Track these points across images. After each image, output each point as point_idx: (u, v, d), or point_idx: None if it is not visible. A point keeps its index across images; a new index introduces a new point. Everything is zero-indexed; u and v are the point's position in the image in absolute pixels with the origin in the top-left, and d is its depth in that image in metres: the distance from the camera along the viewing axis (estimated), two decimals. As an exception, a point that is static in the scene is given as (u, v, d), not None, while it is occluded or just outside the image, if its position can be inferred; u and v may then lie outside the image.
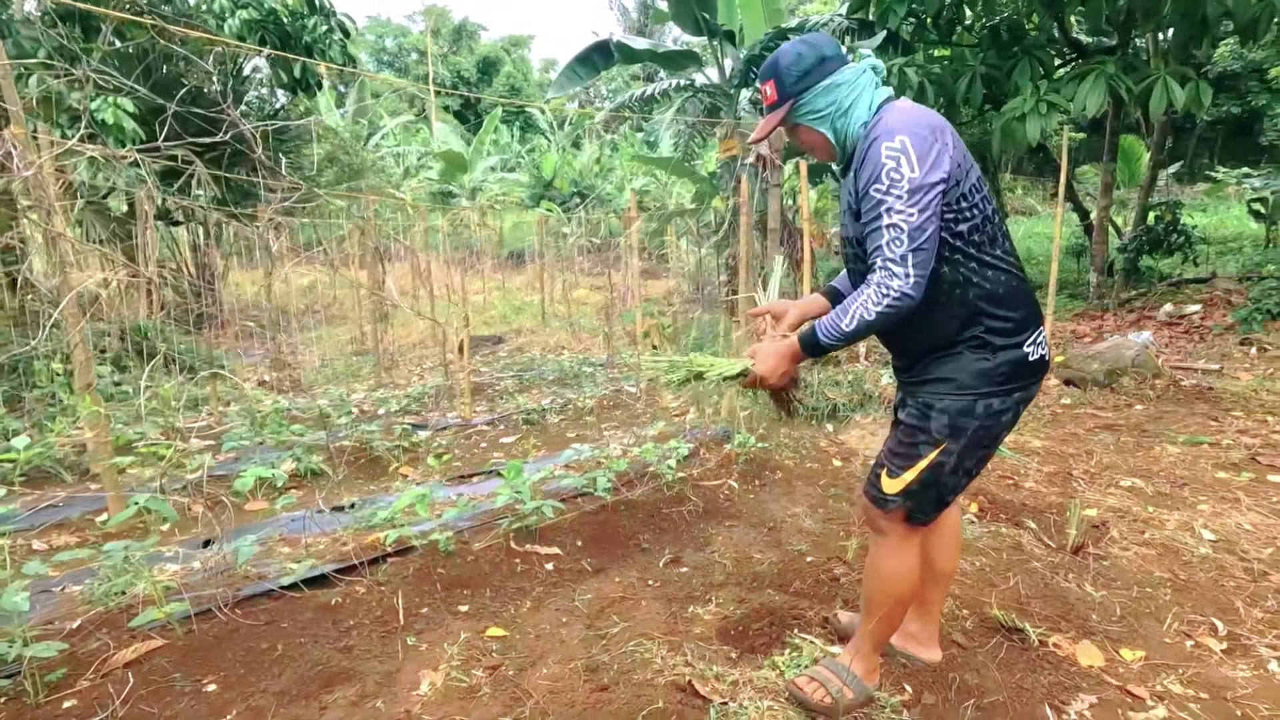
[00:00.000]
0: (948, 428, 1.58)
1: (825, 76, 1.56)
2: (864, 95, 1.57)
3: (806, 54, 1.57)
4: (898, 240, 1.44)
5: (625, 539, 2.79)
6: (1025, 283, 1.62)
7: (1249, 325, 6.65)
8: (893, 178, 1.44)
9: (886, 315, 1.45)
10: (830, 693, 1.70)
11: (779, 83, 1.59)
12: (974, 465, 1.65)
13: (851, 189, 1.58)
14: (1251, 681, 1.89)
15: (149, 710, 1.68)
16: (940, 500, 1.66)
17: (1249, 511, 2.97)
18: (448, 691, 1.83)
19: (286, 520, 2.81)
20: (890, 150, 1.44)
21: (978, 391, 1.56)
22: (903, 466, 1.63)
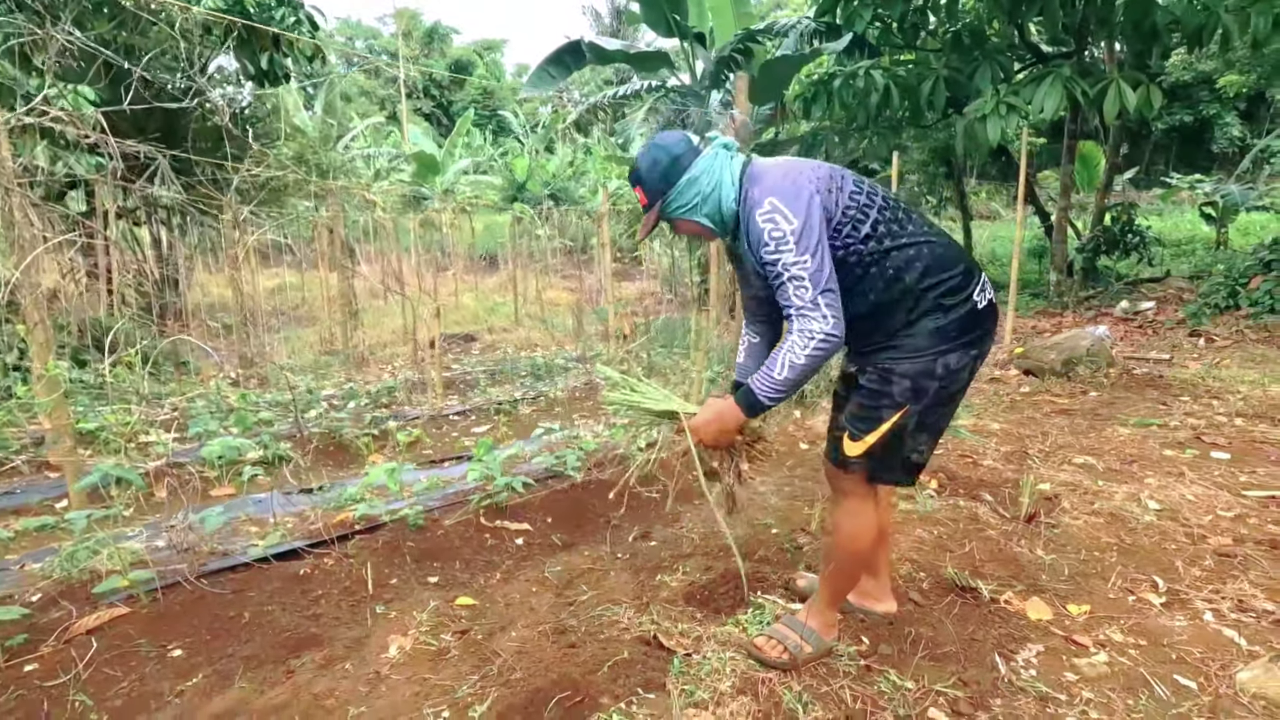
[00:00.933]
0: (910, 390, 1.63)
1: (682, 173, 1.65)
2: (724, 176, 1.66)
3: (661, 158, 1.66)
4: (803, 287, 1.52)
5: (595, 516, 2.83)
6: (950, 244, 1.68)
7: (1198, 319, 6.93)
8: (775, 237, 1.53)
9: (815, 356, 1.53)
10: (788, 648, 1.76)
11: (644, 188, 1.69)
12: (936, 423, 1.70)
13: (751, 258, 1.66)
14: (1187, 630, 1.99)
15: (113, 673, 1.67)
16: (905, 461, 1.71)
17: (1192, 485, 3.11)
18: (416, 654, 1.85)
19: (253, 501, 2.79)
20: (764, 216, 1.54)
21: (936, 349, 1.61)
22: (865, 430, 1.67)
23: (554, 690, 1.62)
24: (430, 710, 1.58)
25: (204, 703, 1.62)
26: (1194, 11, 7.02)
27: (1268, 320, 6.44)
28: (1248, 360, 5.54)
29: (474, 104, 31.39)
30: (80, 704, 1.58)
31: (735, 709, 1.55)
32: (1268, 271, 6.99)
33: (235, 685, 1.69)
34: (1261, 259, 7.15)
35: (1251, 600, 2.14)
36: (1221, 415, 4.17)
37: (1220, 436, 3.77)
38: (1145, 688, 1.73)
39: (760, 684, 1.64)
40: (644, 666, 1.71)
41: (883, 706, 1.61)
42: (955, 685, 1.70)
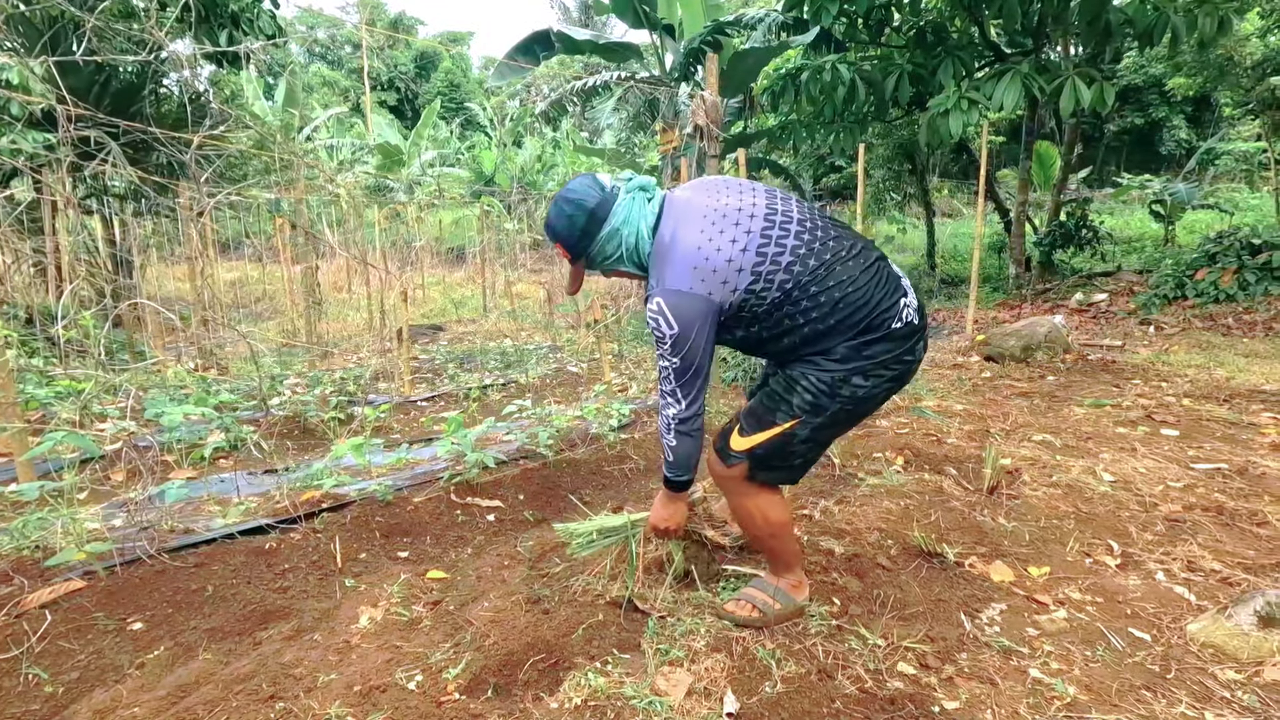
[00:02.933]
0: (809, 405, 1.62)
1: (600, 225, 1.61)
2: (640, 225, 1.62)
3: (577, 215, 1.61)
4: (667, 378, 1.59)
5: (567, 493, 2.83)
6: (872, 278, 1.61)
7: (1148, 309, 7.19)
8: (657, 336, 1.56)
9: (683, 435, 1.61)
10: (758, 606, 1.79)
11: (565, 246, 1.65)
12: (827, 440, 1.74)
13: None
14: (1140, 588, 2.07)
15: (69, 646, 1.61)
16: (787, 466, 1.71)
17: (1144, 459, 3.23)
18: (388, 624, 1.82)
19: (216, 480, 2.72)
20: (651, 313, 1.56)
21: (846, 368, 1.59)
22: (754, 429, 1.67)
23: (528, 653, 1.61)
24: (403, 674, 1.56)
25: (166, 674, 1.58)
26: (1145, 12, 7.28)
27: (1212, 309, 6.72)
28: (1194, 346, 5.77)
29: (440, 95, 30.91)
30: (34, 677, 1.52)
31: (710, 665, 1.56)
32: (1212, 264, 7.28)
33: (199, 657, 1.64)
34: (1207, 252, 7.45)
35: (1200, 561, 2.23)
36: (1170, 396, 4.33)
37: (1170, 415, 3.92)
38: (1102, 640, 1.79)
39: (734, 642, 1.66)
40: (619, 629, 1.72)
41: (853, 661, 1.64)
42: (923, 641, 1.74)
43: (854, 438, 3.60)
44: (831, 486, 2.88)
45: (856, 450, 3.38)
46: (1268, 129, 10.74)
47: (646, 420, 3.67)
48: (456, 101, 32.71)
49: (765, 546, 1.83)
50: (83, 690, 1.51)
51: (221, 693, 1.50)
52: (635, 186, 1.65)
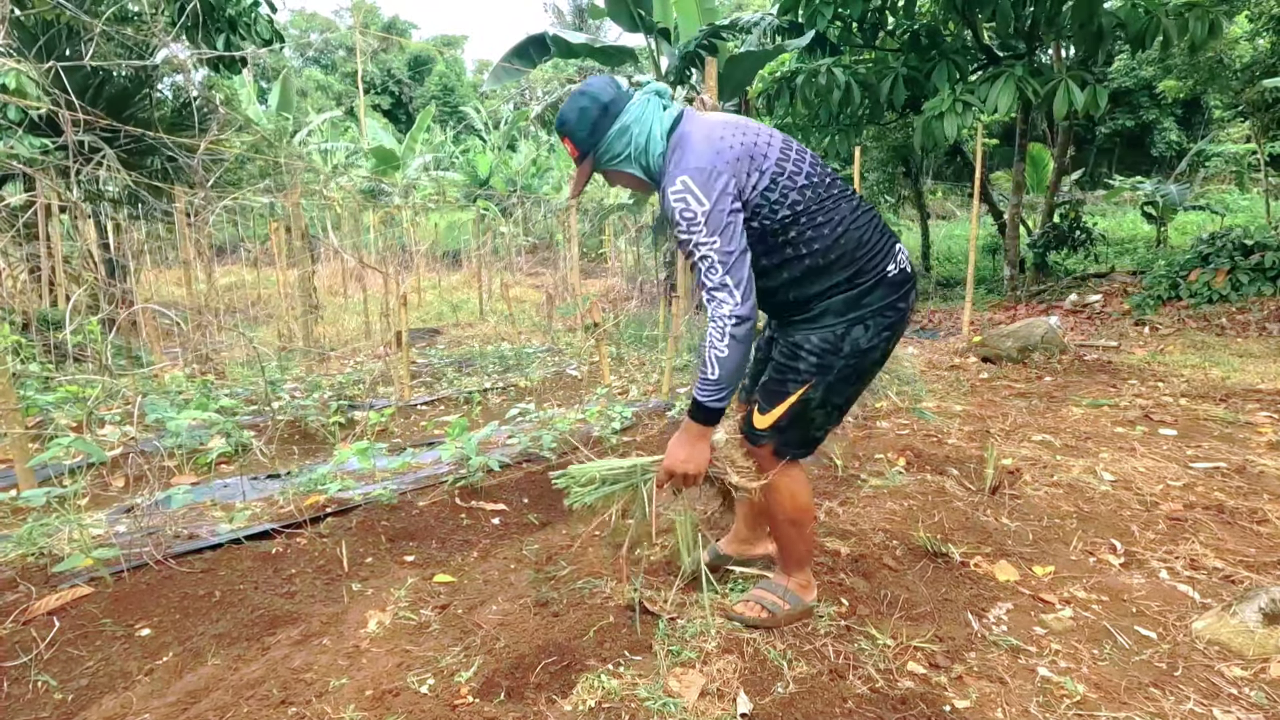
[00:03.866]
0: (815, 366, 1.62)
1: (614, 121, 1.58)
2: (654, 126, 1.60)
3: (589, 107, 1.58)
4: (713, 269, 1.50)
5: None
6: (871, 220, 1.65)
7: (1142, 310, 7.25)
8: (686, 218, 1.49)
9: (735, 339, 1.49)
10: (766, 607, 1.79)
11: (574, 140, 1.61)
12: (843, 402, 1.70)
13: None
14: (1145, 586, 2.08)
15: (77, 653, 1.61)
16: (808, 436, 1.70)
17: (1143, 458, 3.25)
18: (397, 629, 1.82)
19: (219, 486, 2.71)
20: (675, 195, 1.49)
21: (845, 319, 1.60)
22: (772, 403, 1.66)
23: (539, 656, 1.61)
24: (415, 678, 1.56)
25: (175, 680, 1.57)
26: (1137, 15, 7.36)
27: (1206, 310, 6.77)
28: (1190, 346, 5.81)
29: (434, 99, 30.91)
30: (43, 684, 1.51)
31: (722, 666, 1.56)
32: (1205, 265, 7.35)
33: (208, 662, 1.64)
34: (1200, 253, 7.52)
35: (1203, 559, 2.25)
36: (1167, 396, 4.37)
37: (1167, 415, 3.95)
38: (1109, 638, 1.81)
39: (745, 644, 1.66)
40: (629, 631, 1.72)
41: (864, 661, 1.64)
42: (931, 641, 1.75)
43: (855, 439, 3.62)
44: (835, 488, 2.89)
45: (858, 452, 3.39)
46: (1257, 131, 10.85)
47: (647, 423, 3.67)
48: (451, 105, 32.72)
49: (786, 536, 1.80)
50: (92, 697, 1.50)
51: (232, 698, 1.50)
52: (651, 90, 1.64)
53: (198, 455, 3.18)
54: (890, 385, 4.29)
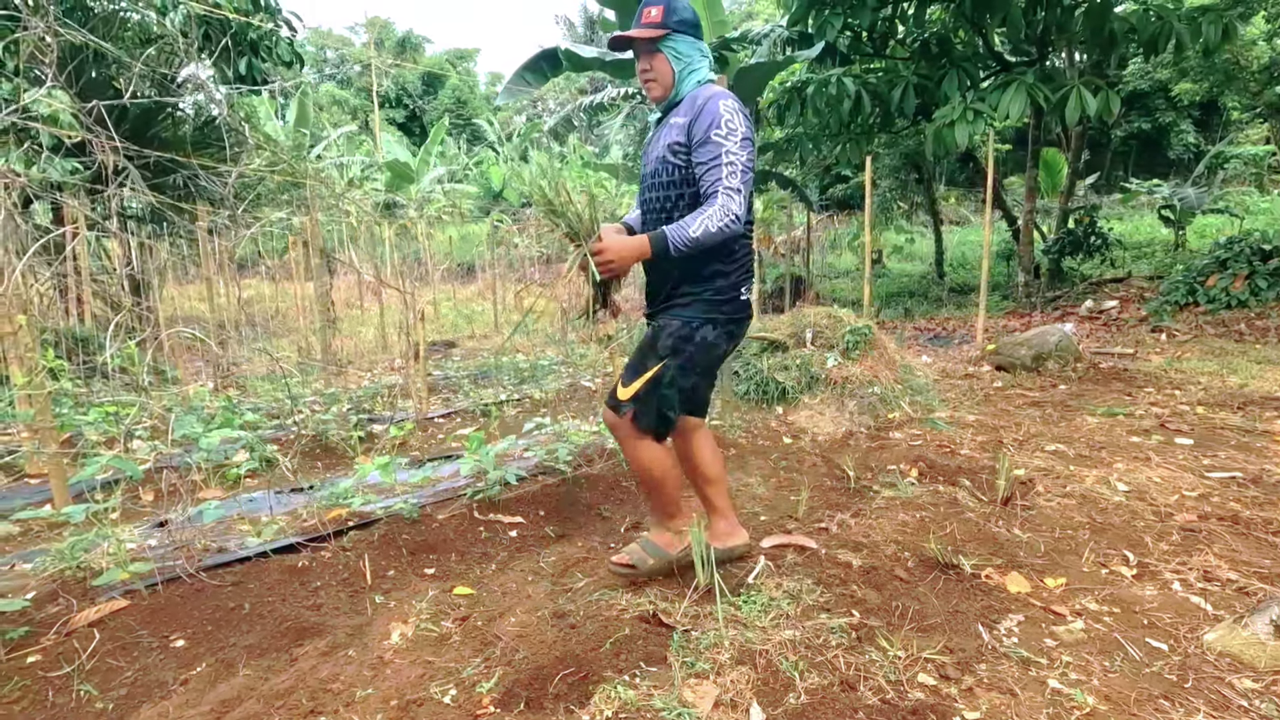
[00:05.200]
0: (669, 348, 1.95)
1: (698, 36, 1.98)
2: (705, 68, 1.99)
3: (695, 15, 1.97)
4: (734, 173, 1.83)
5: (586, 508, 2.87)
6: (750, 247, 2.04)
7: (1160, 316, 7.19)
8: (730, 126, 1.83)
9: (723, 232, 1.82)
10: (632, 560, 2.09)
11: (669, 12, 1.91)
12: (689, 387, 2.00)
13: (681, 137, 1.90)
14: (1157, 598, 2.09)
15: (116, 664, 1.68)
16: (660, 413, 1.97)
17: (1158, 468, 3.24)
18: (419, 640, 1.88)
19: (245, 500, 2.78)
20: (726, 107, 1.85)
21: (702, 317, 1.96)
22: (633, 377, 1.97)
23: (558, 667, 1.66)
24: (437, 689, 1.61)
25: (209, 690, 1.63)
26: (1149, 20, 7.34)
27: (1224, 315, 6.71)
28: (1207, 353, 5.76)
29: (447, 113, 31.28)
30: (85, 694, 1.58)
31: (735, 678, 1.60)
32: (1223, 270, 7.28)
33: (240, 673, 1.70)
34: (1217, 258, 7.45)
35: (1216, 570, 2.25)
36: (1184, 404, 4.34)
37: (1183, 424, 3.93)
38: (1120, 650, 1.82)
39: (758, 655, 1.70)
40: (645, 642, 1.76)
41: (875, 672, 1.67)
42: (942, 652, 1.77)
43: (868, 450, 3.64)
44: (847, 500, 2.92)
45: (870, 463, 3.41)
46: (1277, 132, 10.73)
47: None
48: (464, 118, 33.10)
49: (654, 496, 2.10)
50: (131, 706, 1.57)
51: (264, 708, 1.56)
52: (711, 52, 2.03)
53: (223, 469, 3.27)
54: (903, 395, 4.30)
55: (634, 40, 1.93)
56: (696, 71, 1.96)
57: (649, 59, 1.95)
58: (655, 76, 1.96)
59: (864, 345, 4.45)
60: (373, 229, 11.79)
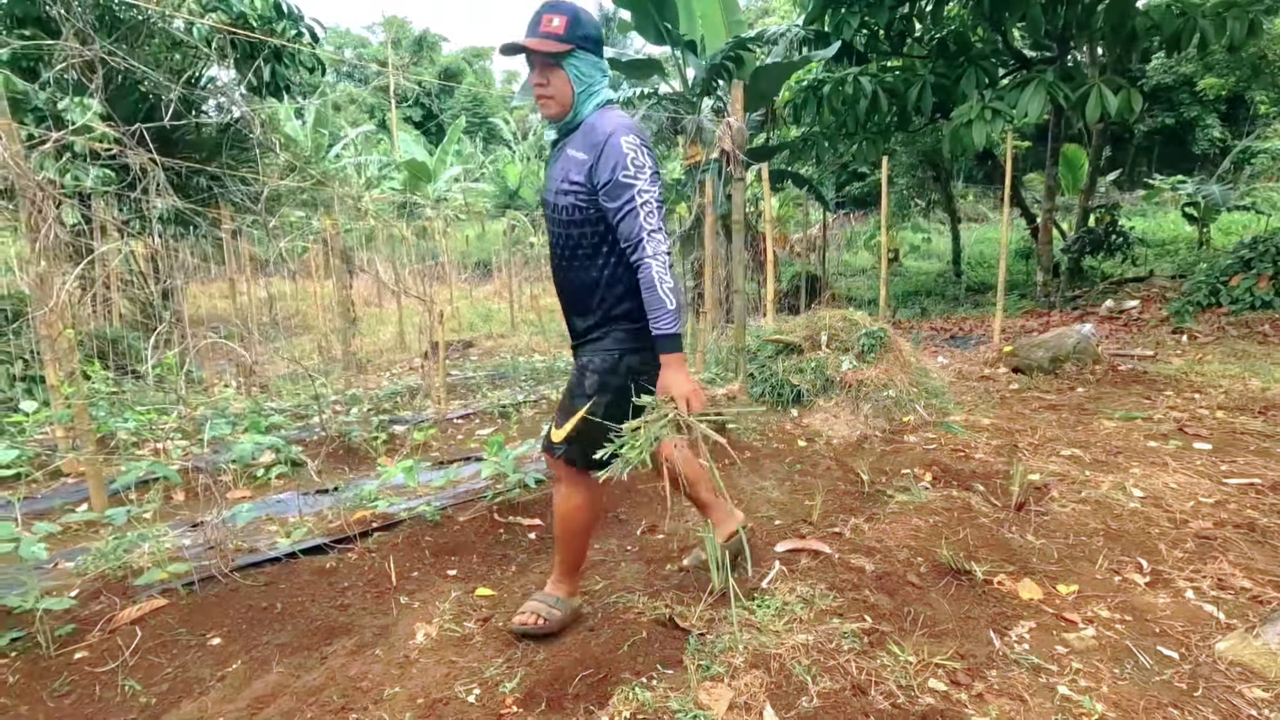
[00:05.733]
0: (596, 385, 1.85)
1: (600, 56, 1.83)
2: (605, 89, 1.85)
3: (599, 31, 1.83)
4: (652, 213, 1.73)
5: (603, 511, 2.92)
6: None
7: (1181, 317, 7.10)
8: (637, 164, 1.72)
9: (670, 269, 1.76)
10: (542, 615, 1.95)
11: (574, 24, 1.73)
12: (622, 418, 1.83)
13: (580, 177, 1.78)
14: (1170, 606, 2.11)
15: (157, 660, 1.76)
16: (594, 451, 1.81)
17: (1175, 473, 3.24)
18: (443, 640, 1.94)
19: (273, 501, 2.87)
20: (629, 143, 1.72)
21: (623, 345, 1.86)
22: (565, 419, 1.88)
23: (577, 668, 1.72)
24: (462, 688, 1.67)
25: (245, 686, 1.71)
26: (1171, 17, 7.24)
27: (1248, 316, 6.62)
28: (1229, 355, 5.70)
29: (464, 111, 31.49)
30: (129, 689, 1.66)
31: (749, 681, 1.65)
32: (1248, 269, 7.17)
33: (273, 670, 1.77)
34: (1242, 257, 7.34)
35: (1230, 579, 2.26)
36: (1204, 408, 4.31)
37: (1202, 428, 3.91)
38: (1130, 658, 1.85)
39: (771, 659, 1.74)
40: (661, 645, 1.81)
41: (886, 678, 1.71)
42: (953, 658, 1.81)
43: (882, 453, 3.67)
44: (861, 504, 2.95)
45: (885, 467, 3.44)
46: (1304, 128, 10.52)
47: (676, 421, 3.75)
48: (480, 116, 33.30)
49: (567, 547, 2.01)
50: (172, 701, 1.65)
51: (297, 704, 1.63)
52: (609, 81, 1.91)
53: (250, 469, 3.37)
54: (918, 398, 4.31)
55: (530, 51, 1.74)
56: (597, 94, 1.81)
57: (547, 73, 1.76)
58: (553, 94, 1.78)
59: (879, 348, 4.47)
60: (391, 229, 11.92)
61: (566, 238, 1.86)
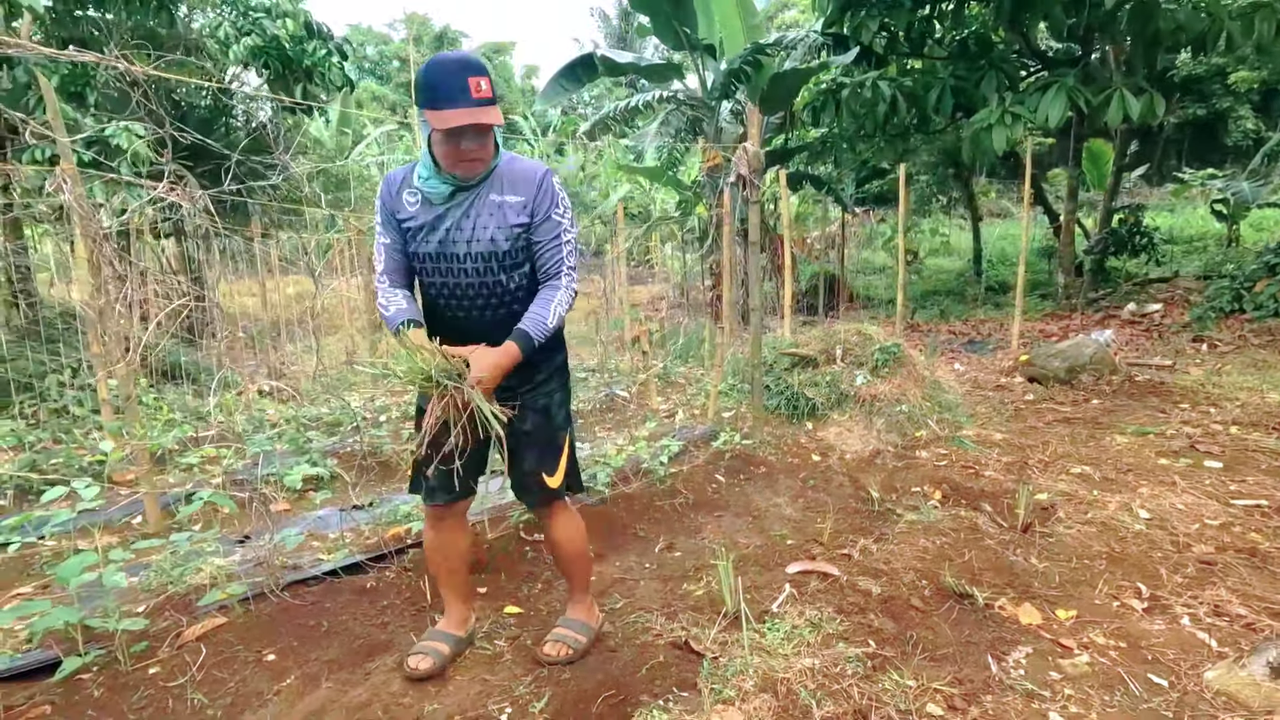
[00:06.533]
0: (563, 415, 2.02)
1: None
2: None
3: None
4: (572, 252, 1.87)
5: (623, 528, 3.08)
6: None
7: (1203, 324, 7.07)
8: (565, 203, 1.86)
9: (570, 307, 1.88)
10: (570, 646, 2.06)
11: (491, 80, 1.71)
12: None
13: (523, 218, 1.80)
14: (1164, 633, 2.21)
15: (220, 675, 1.94)
16: (578, 472, 2.12)
17: (1183, 494, 3.30)
18: (475, 659, 2.10)
19: (313, 518, 3.06)
20: (557, 183, 1.85)
21: (564, 377, 2.04)
22: (555, 462, 1.99)
23: (600, 690, 1.87)
24: (495, 707, 1.83)
25: (298, 700, 1.88)
26: (1197, 18, 7.15)
27: (1271, 324, 6.57)
28: (1249, 365, 5.69)
29: (485, 108, 31.63)
30: (198, 702, 1.85)
31: (758, 705, 1.79)
32: (1272, 275, 7.11)
33: (322, 685, 1.95)
34: (1267, 262, 7.27)
35: (1227, 605, 2.35)
36: (1218, 423, 4.34)
37: (1215, 445, 3.95)
38: (1121, 685, 1.95)
39: (779, 684, 1.88)
40: (677, 669, 1.96)
41: (886, 702, 1.84)
42: (951, 683, 1.93)
43: (893, 469, 3.77)
44: (870, 523, 3.07)
45: (896, 483, 3.54)
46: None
47: (694, 451, 3.89)
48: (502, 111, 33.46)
49: (581, 567, 2.16)
50: (236, 713, 1.82)
51: (346, 718, 1.80)
52: None
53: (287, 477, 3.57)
54: (930, 413, 4.40)
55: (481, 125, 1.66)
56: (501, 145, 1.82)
57: (482, 138, 1.72)
58: (485, 155, 1.75)
59: (893, 363, 4.55)
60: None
61: (495, 284, 1.84)
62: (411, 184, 1.84)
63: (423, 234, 1.83)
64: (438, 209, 1.81)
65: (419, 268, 1.89)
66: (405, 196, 1.84)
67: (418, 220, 1.83)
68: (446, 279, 1.86)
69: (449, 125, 1.65)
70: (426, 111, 1.69)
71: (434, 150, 1.76)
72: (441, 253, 1.83)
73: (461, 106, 1.65)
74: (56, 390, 5.36)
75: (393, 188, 1.87)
